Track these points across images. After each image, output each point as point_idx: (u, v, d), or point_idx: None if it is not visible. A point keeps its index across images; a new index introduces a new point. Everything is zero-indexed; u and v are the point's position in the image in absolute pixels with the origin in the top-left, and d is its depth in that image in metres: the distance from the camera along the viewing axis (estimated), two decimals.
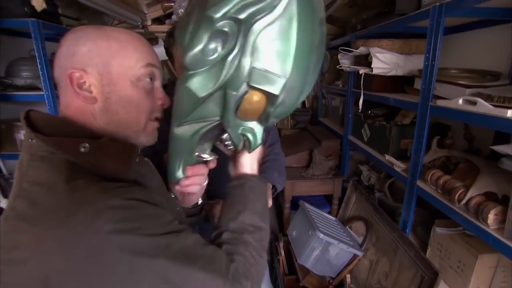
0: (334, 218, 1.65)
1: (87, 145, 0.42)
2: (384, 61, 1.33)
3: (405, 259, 1.13)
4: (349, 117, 1.79)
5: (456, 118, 0.97)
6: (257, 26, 0.37)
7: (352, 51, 1.51)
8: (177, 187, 0.60)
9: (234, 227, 0.50)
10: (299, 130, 2.61)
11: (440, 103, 1.01)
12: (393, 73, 1.35)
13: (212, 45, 0.38)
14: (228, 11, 0.35)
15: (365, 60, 1.44)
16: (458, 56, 1.32)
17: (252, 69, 0.39)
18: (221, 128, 0.50)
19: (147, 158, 0.53)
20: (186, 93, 0.43)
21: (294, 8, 0.37)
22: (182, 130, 0.49)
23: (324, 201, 2.00)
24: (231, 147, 0.55)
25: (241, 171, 0.57)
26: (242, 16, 0.36)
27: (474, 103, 0.85)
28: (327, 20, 2.48)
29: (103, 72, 0.46)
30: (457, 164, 1.10)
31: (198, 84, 0.41)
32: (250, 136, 0.49)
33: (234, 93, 0.41)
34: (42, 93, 1.27)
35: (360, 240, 1.45)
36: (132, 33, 0.50)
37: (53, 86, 1.27)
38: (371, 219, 1.42)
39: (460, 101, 0.90)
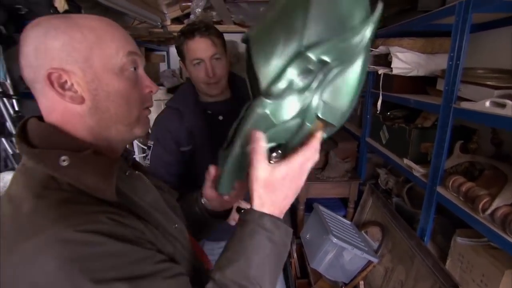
0: (349, 222, 1.60)
1: (67, 158, 0.38)
2: (405, 60, 1.27)
3: (422, 268, 1.08)
4: (367, 118, 1.73)
5: (482, 121, 0.91)
6: (336, 69, 0.43)
7: (371, 51, 1.46)
8: (226, 197, 0.61)
9: (219, 279, 0.42)
10: None
11: (465, 105, 0.95)
12: (414, 73, 1.29)
13: (298, 80, 0.42)
14: (323, 53, 0.40)
15: (385, 60, 1.39)
16: (485, 56, 1.24)
17: (321, 103, 0.45)
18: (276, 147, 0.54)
19: (139, 172, 0.49)
20: (262, 119, 0.45)
21: (363, 54, 0.44)
22: (246, 150, 0.51)
23: (339, 204, 1.96)
24: (275, 160, 0.57)
25: (251, 204, 0.46)
26: (329, 59, 0.41)
27: (503, 106, 0.79)
28: None
29: (84, 68, 0.41)
30: (482, 170, 1.03)
31: (277, 112, 0.44)
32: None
33: (309, 124, 0.46)
34: None
35: (375, 246, 1.40)
36: (103, 18, 0.45)
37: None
38: (388, 224, 1.36)
39: (487, 103, 0.84)
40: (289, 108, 0.44)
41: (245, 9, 2.12)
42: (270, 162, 0.49)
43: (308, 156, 0.46)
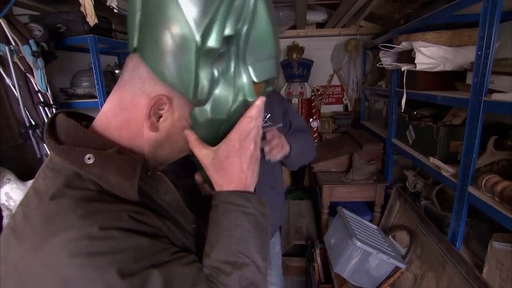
0: (375, 227, 1.53)
1: (92, 156, 0.39)
2: (430, 55, 1.21)
3: (455, 276, 1.00)
4: (393, 118, 1.66)
5: None
6: (243, 31, 0.38)
7: (393, 48, 1.41)
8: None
9: (209, 265, 0.42)
10: (341, 134, 2.51)
11: (496, 97, 0.89)
12: (440, 68, 1.22)
13: (216, 71, 0.38)
14: (221, 32, 0.35)
15: (408, 56, 1.33)
16: None
17: (249, 68, 0.41)
18: None
19: (160, 173, 0.49)
20: (209, 123, 0.42)
21: None
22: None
23: (365, 208, 1.88)
24: None
25: (216, 186, 0.46)
26: (231, 31, 0.36)
27: None
28: (368, 19, 2.37)
29: (182, 116, 0.42)
30: None
31: (217, 109, 0.41)
32: None
33: (251, 100, 0.42)
34: (97, 100, 1.44)
35: (403, 251, 1.32)
36: None
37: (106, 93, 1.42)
38: (416, 229, 1.28)
39: None
40: (225, 98, 0.41)
41: None
42: None
43: (243, 128, 0.44)
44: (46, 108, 1.33)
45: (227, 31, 0.36)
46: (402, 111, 1.43)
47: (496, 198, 0.89)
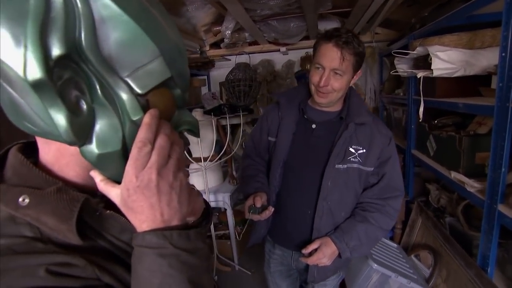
0: (395, 245, 1.41)
1: (27, 196, 0.35)
2: (448, 60, 1.12)
3: None
4: (412, 128, 1.56)
5: None
6: (83, 43, 0.30)
7: (408, 54, 1.33)
8: None
9: None
10: None
11: None
12: (460, 73, 1.12)
13: (77, 103, 0.31)
14: (38, 60, 0.27)
15: (425, 62, 1.24)
16: None
17: (127, 80, 0.33)
18: None
19: (111, 211, 0.42)
20: (102, 160, 0.35)
21: None
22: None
23: None
24: None
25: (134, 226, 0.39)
26: (59, 51, 0.28)
27: None
28: (383, 25, 2.28)
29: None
30: None
31: (106, 143, 0.34)
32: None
33: (136, 118, 0.34)
34: None
35: (428, 272, 1.20)
36: None
37: None
38: (440, 249, 1.16)
39: None
40: (109, 126, 0.33)
41: (275, 27, 2.15)
42: None
43: (135, 157, 0.35)
44: None
45: (55, 51, 0.28)
46: (421, 120, 1.33)
47: None
